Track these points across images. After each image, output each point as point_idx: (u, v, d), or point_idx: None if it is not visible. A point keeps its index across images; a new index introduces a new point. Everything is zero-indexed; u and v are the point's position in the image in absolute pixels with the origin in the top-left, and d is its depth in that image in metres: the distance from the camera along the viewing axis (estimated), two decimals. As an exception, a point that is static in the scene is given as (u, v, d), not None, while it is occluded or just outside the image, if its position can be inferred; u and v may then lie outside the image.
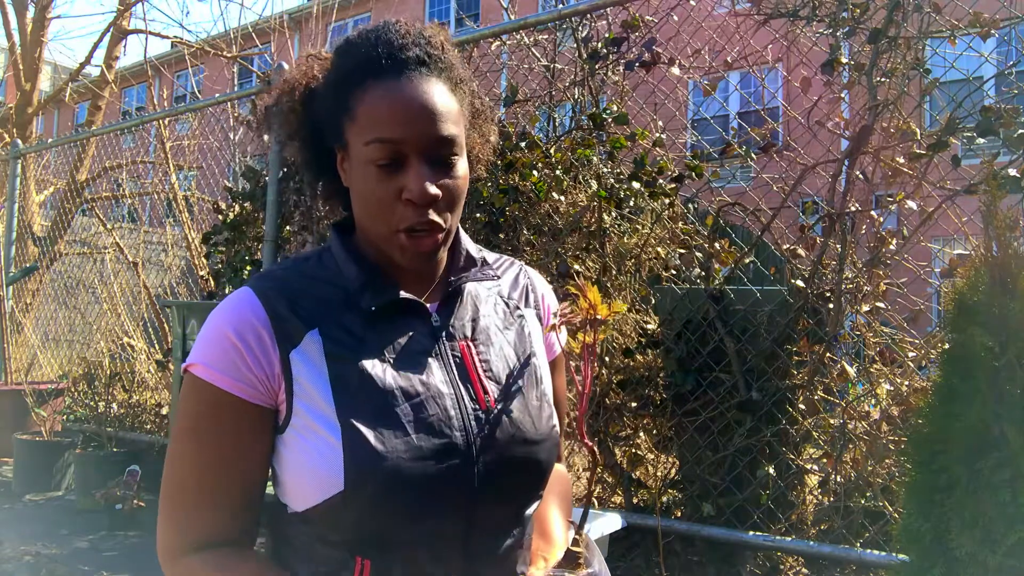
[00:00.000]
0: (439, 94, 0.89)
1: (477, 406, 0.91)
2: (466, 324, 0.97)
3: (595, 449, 0.96)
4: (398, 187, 0.87)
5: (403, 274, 0.95)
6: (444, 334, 0.94)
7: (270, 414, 0.89)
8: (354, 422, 0.84)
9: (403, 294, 0.93)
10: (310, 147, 0.98)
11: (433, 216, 0.88)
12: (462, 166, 0.91)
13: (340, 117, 0.91)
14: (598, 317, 0.89)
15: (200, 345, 0.90)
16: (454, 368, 0.92)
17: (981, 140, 2.28)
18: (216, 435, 0.88)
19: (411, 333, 0.92)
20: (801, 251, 2.62)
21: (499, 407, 0.92)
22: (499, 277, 1.05)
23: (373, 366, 0.88)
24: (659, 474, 2.90)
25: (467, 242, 1.02)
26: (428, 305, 0.95)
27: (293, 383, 0.87)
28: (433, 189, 0.87)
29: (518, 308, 1.04)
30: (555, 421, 0.99)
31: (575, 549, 0.90)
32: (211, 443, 0.88)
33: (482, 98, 1.01)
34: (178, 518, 0.90)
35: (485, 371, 0.94)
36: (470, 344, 0.95)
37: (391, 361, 0.89)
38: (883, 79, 2.44)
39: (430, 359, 0.92)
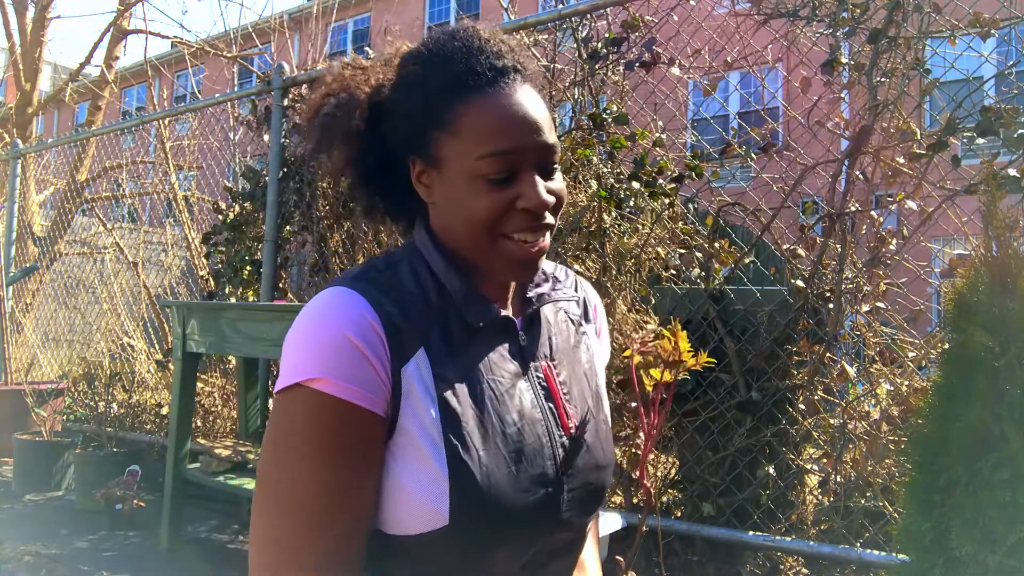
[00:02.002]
0: (539, 103, 0.87)
1: (562, 432, 0.89)
2: (545, 343, 0.94)
3: (651, 491, 0.95)
4: (510, 198, 0.84)
5: (487, 290, 0.91)
6: (530, 354, 0.92)
7: (387, 427, 0.82)
8: (460, 452, 0.80)
9: (502, 312, 0.90)
10: (374, 165, 0.93)
11: (547, 219, 0.86)
12: (559, 172, 0.90)
13: (430, 132, 0.86)
14: (681, 360, 0.87)
15: (314, 354, 0.79)
16: (540, 391, 0.90)
17: (981, 140, 2.28)
18: (352, 462, 0.79)
19: (504, 354, 0.89)
20: (801, 251, 2.62)
21: (578, 432, 0.90)
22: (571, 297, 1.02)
23: (475, 391, 0.84)
24: (659, 474, 2.90)
25: None
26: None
27: (401, 399, 0.81)
28: (549, 197, 0.85)
29: (581, 325, 1.02)
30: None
31: None
32: (348, 473, 0.79)
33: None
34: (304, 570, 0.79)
35: (564, 394, 0.92)
36: (550, 365, 0.93)
37: (490, 384, 0.86)
38: (883, 79, 2.44)
39: (521, 381, 0.89)
